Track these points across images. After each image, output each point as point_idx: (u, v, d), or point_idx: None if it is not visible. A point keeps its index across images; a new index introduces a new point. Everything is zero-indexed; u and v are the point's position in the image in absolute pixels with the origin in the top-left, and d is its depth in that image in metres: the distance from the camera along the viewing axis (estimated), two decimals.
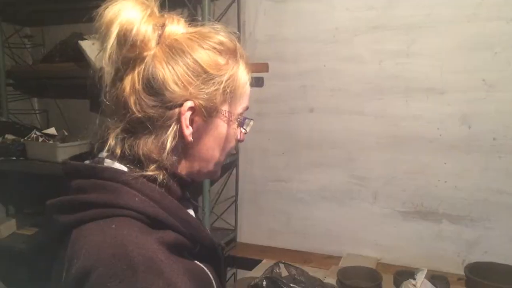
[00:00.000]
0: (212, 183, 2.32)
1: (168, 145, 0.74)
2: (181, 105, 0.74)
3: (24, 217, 2.58)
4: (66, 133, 2.46)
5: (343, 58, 2.13)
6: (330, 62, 2.16)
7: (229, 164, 2.39)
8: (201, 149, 0.80)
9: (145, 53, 0.74)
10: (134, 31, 0.71)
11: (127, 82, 0.74)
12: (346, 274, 1.91)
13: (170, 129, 0.75)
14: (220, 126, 0.80)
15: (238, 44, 0.82)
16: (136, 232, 0.67)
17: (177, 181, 0.78)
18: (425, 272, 1.68)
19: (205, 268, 0.80)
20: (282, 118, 2.29)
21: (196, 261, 0.78)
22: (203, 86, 0.75)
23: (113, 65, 0.73)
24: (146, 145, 0.75)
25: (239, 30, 2.31)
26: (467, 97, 1.93)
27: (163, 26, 0.76)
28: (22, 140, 2.40)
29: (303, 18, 2.19)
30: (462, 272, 1.86)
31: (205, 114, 0.77)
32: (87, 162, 0.78)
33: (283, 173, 2.33)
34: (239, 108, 0.82)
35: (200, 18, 2.08)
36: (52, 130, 2.44)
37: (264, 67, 2.19)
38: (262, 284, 1.49)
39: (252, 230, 2.45)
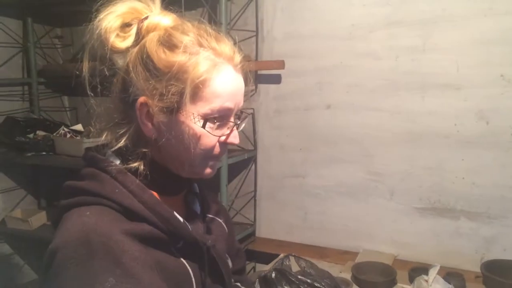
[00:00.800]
0: (230, 179, 2.37)
1: (123, 139, 0.79)
2: (135, 101, 0.78)
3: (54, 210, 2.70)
4: (92, 129, 2.55)
5: (359, 54, 2.13)
6: (347, 58, 2.16)
7: (248, 160, 2.44)
8: (168, 147, 0.80)
9: (123, 53, 0.79)
10: (100, 29, 0.77)
11: (117, 79, 0.81)
12: (361, 269, 1.92)
13: (130, 123, 0.80)
14: (179, 126, 0.77)
15: (226, 49, 0.79)
16: (106, 221, 0.72)
17: (164, 174, 0.82)
18: (437, 268, 1.67)
19: (187, 265, 0.82)
20: (299, 114, 2.31)
21: (180, 257, 0.81)
22: (155, 84, 0.76)
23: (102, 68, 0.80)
24: (121, 138, 0.80)
25: (257, 28, 2.35)
26: (484, 93, 1.90)
27: (140, 23, 0.79)
28: (51, 136, 2.52)
29: (320, 15, 2.20)
30: (480, 270, 1.84)
31: (160, 111, 0.77)
32: (91, 152, 0.84)
33: (300, 169, 2.35)
34: (204, 108, 0.77)
35: (217, 18, 2.13)
36: (79, 127, 2.55)
37: (280, 64, 2.21)
38: (271, 275, 1.52)
39: (270, 225, 2.49)
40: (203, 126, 0.78)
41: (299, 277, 1.51)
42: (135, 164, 0.79)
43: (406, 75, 2.04)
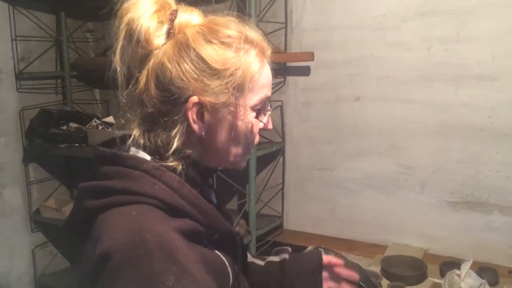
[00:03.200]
0: (258, 171, 2.37)
1: (176, 140, 0.77)
2: (187, 101, 0.76)
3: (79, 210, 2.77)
4: (122, 121, 2.60)
5: (390, 45, 2.10)
6: (377, 49, 2.13)
7: (276, 152, 2.44)
8: (215, 142, 0.80)
9: (154, 50, 0.77)
10: (137, 29, 0.74)
11: (141, 78, 0.78)
12: (390, 262, 1.90)
13: (179, 124, 0.77)
14: (231, 120, 0.79)
15: (253, 35, 0.80)
16: (154, 219, 0.70)
17: (198, 170, 0.81)
18: (470, 262, 1.64)
19: (222, 257, 0.82)
20: (328, 106, 2.30)
21: (214, 250, 0.81)
22: (208, 82, 0.75)
23: (124, 63, 0.77)
24: (160, 138, 0.77)
25: (286, 19, 2.34)
26: None
27: (172, 20, 0.78)
28: (84, 128, 2.58)
29: (350, 6, 2.18)
30: None
31: (214, 109, 0.77)
32: (115, 148, 0.81)
33: (329, 161, 2.34)
34: (253, 100, 0.80)
35: (246, 9, 2.13)
36: (110, 119, 2.60)
37: (310, 56, 2.20)
38: None
39: (298, 218, 2.49)
40: (257, 117, 0.81)
41: None
42: (173, 164, 0.77)
43: (439, 66, 2.00)
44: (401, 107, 2.11)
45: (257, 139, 0.85)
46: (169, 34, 0.78)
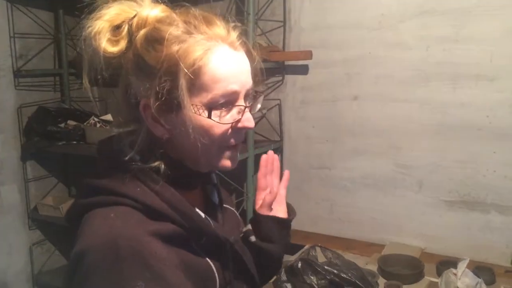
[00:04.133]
0: (256, 169, 2.37)
1: (140, 141, 0.76)
2: (138, 104, 0.75)
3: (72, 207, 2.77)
4: (121, 119, 2.60)
5: (388, 45, 2.10)
6: (375, 49, 2.14)
7: (274, 151, 2.42)
8: (182, 144, 0.77)
9: (119, 57, 0.76)
10: (98, 45, 0.73)
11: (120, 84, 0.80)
12: (388, 261, 1.91)
13: (143, 127, 0.77)
14: (188, 120, 0.73)
15: (217, 30, 0.75)
16: (132, 223, 0.70)
17: (184, 171, 0.80)
18: (467, 262, 1.64)
19: (210, 262, 0.80)
20: (326, 105, 2.30)
21: (203, 254, 0.79)
22: (152, 84, 0.72)
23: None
24: (135, 137, 0.77)
25: (284, 18, 2.34)
26: None
27: (130, 23, 0.76)
28: (82, 125, 2.58)
29: (348, 5, 2.18)
30: (510, 265, 1.80)
31: (162, 110, 0.74)
32: (111, 147, 0.80)
33: (327, 161, 2.34)
34: (207, 97, 0.73)
35: (245, 8, 2.12)
36: (108, 117, 2.60)
37: (308, 55, 2.20)
38: (298, 265, 1.53)
39: (296, 216, 2.48)
40: (209, 116, 0.73)
41: (326, 267, 1.52)
42: (156, 164, 0.77)
43: (437, 66, 2.00)
44: (399, 106, 2.11)
45: (230, 139, 0.78)
46: (129, 37, 0.76)
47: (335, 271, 1.51)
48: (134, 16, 0.75)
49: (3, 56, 2.55)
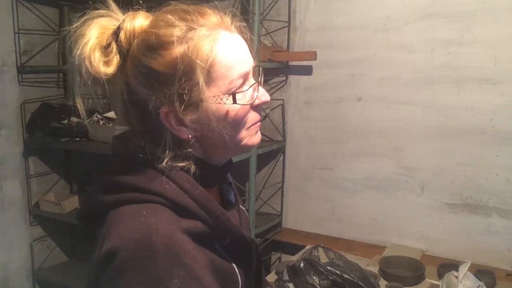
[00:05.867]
0: (258, 169, 2.38)
1: (167, 149, 0.74)
2: (158, 113, 0.73)
3: (86, 195, 2.77)
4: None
5: (393, 47, 2.11)
6: (380, 50, 2.14)
7: (276, 150, 2.44)
8: (213, 137, 0.77)
9: (115, 74, 0.74)
10: (87, 65, 0.72)
11: (119, 102, 0.78)
12: (389, 263, 1.91)
13: (165, 134, 0.75)
14: (213, 111, 0.74)
15: (213, 18, 0.75)
16: (164, 220, 0.69)
17: (210, 169, 0.79)
18: (468, 264, 1.65)
19: (233, 264, 0.79)
20: (330, 106, 2.30)
21: (224, 256, 0.78)
22: (166, 89, 0.72)
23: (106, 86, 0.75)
24: (163, 142, 0.75)
25: (289, 18, 2.35)
26: None
27: (116, 38, 0.74)
28: (85, 122, 2.58)
29: (354, 6, 2.18)
30: (511, 268, 1.81)
31: (187, 111, 0.73)
32: (132, 143, 0.78)
33: (329, 161, 2.34)
34: (224, 84, 0.74)
35: (250, 7, 2.13)
36: (111, 114, 2.60)
37: (312, 55, 2.20)
38: (300, 265, 1.53)
39: (297, 216, 2.49)
40: (234, 102, 0.75)
41: (328, 268, 1.52)
42: (183, 164, 0.75)
43: (442, 69, 2.00)
44: (403, 108, 2.11)
45: (254, 116, 0.80)
46: (121, 53, 0.74)
47: (337, 272, 1.51)
48: (119, 31, 0.74)
49: (7, 51, 2.55)
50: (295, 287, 1.55)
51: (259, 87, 0.80)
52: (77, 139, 2.56)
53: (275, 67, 2.32)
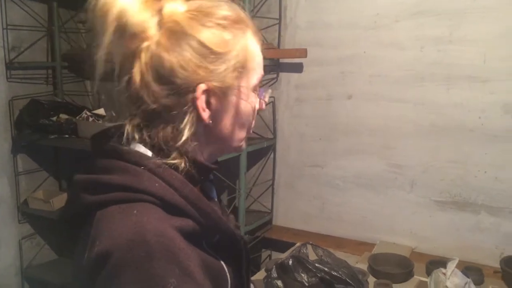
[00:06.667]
0: (249, 166, 2.37)
1: (187, 132, 0.73)
2: (194, 90, 0.72)
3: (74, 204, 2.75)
4: (114, 114, 2.59)
5: (383, 44, 2.11)
6: (370, 48, 2.14)
7: (267, 148, 2.44)
8: (222, 129, 0.78)
9: (147, 42, 0.71)
10: (130, 22, 0.69)
11: (136, 75, 0.72)
12: (378, 260, 1.92)
13: (188, 115, 0.73)
14: (237, 102, 0.77)
15: (243, 14, 0.78)
16: (156, 219, 0.67)
17: (198, 167, 0.76)
18: (456, 261, 1.65)
19: (222, 262, 0.78)
20: (320, 104, 2.30)
21: (213, 254, 0.77)
22: (212, 67, 0.72)
23: (116, 59, 0.72)
24: (165, 134, 0.73)
25: (280, 15, 2.34)
26: (511, 86, 1.86)
27: (160, 9, 0.72)
28: (74, 119, 2.56)
29: (344, 4, 2.18)
30: (499, 265, 1.82)
31: (220, 94, 0.74)
32: (114, 141, 0.76)
33: (319, 159, 2.35)
34: (253, 79, 0.78)
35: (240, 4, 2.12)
36: (101, 111, 2.58)
37: (303, 53, 2.20)
38: (289, 262, 1.53)
39: (287, 214, 2.49)
40: (259, 97, 0.81)
41: (316, 265, 1.52)
42: (176, 161, 0.73)
43: (431, 66, 2.01)
44: (393, 106, 2.12)
45: (253, 120, 0.84)
46: (160, 25, 0.72)
47: (326, 269, 1.52)
48: (162, 2, 0.73)
49: None
50: (284, 284, 1.55)
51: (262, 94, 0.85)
52: (66, 136, 2.54)
53: (265, 64, 2.29)
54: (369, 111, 2.18)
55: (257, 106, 0.82)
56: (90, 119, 2.52)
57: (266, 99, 0.84)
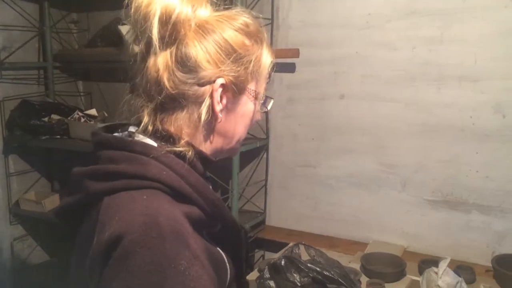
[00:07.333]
0: (241, 167, 2.37)
1: (203, 118, 0.78)
2: (213, 81, 0.77)
3: (65, 191, 2.73)
4: (106, 114, 2.58)
5: (375, 44, 2.11)
6: (362, 48, 2.15)
7: (260, 148, 2.44)
8: (227, 126, 0.83)
9: (181, 33, 0.76)
10: (177, 11, 0.74)
11: (161, 60, 0.76)
12: (370, 260, 1.92)
13: (203, 104, 0.77)
14: (246, 104, 0.84)
15: (261, 27, 0.85)
16: (166, 203, 0.70)
17: (201, 159, 0.80)
18: (448, 261, 1.66)
19: (222, 252, 0.80)
20: (312, 103, 2.30)
21: (214, 244, 0.79)
22: (233, 65, 0.78)
23: (145, 43, 0.76)
24: (178, 121, 0.78)
25: (272, 15, 2.34)
26: (502, 85, 1.88)
27: (195, 8, 0.79)
28: (66, 120, 2.55)
29: (336, 4, 2.18)
30: (490, 264, 1.83)
31: (234, 91, 0.80)
32: (116, 134, 0.80)
33: (312, 159, 2.35)
34: (262, 88, 0.86)
35: (232, 4, 2.11)
36: (93, 111, 2.57)
37: (295, 53, 2.20)
38: (281, 263, 1.53)
39: (280, 214, 2.49)
40: (264, 104, 0.88)
41: (309, 265, 1.52)
42: (184, 149, 0.76)
43: (423, 66, 2.02)
44: (385, 106, 2.13)
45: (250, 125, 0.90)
46: (193, 21, 0.79)
47: (318, 269, 1.52)
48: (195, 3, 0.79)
49: None
50: (276, 285, 1.55)
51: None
52: (58, 136, 2.53)
53: None
54: (361, 111, 2.18)
55: (260, 112, 0.89)
56: (82, 119, 2.52)
57: (269, 108, 0.91)
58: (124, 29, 2.29)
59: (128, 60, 0.80)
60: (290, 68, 2.33)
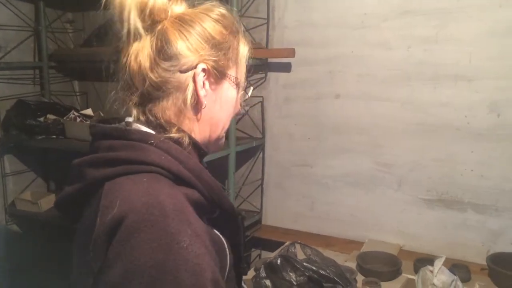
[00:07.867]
0: (238, 166, 2.37)
1: (188, 103, 0.79)
2: (195, 67, 0.79)
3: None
4: (102, 114, 2.58)
5: (371, 44, 2.12)
6: (358, 47, 2.15)
7: (256, 148, 2.44)
8: (212, 112, 0.84)
9: (159, 21, 0.78)
10: (153, 3, 0.77)
11: (142, 50, 0.78)
12: (366, 258, 1.93)
13: (187, 90, 0.79)
14: (229, 89, 0.85)
15: (237, 18, 0.88)
16: (166, 186, 0.72)
17: (195, 147, 0.82)
18: (443, 259, 1.67)
19: (222, 237, 0.82)
20: (308, 103, 2.31)
21: (212, 227, 0.80)
22: (212, 50, 0.80)
23: (126, 33, 0.78)
24: (165, 109, 0.79)
25: (268, 15, 2.34)
26: (496, 85, 1.89)
27: (173, 2, 0.82)
28: (61, 120, 2.54)
29: (332, 4, 2.19)
30: (485, 262, 1.84)
31: (216, 76, 0.82)
32: (114, 125, 0.80)
33: (308, 158, 2.35)
34: (242, 75, 0.88)
35: (228, 4, 2.12)
36: (89, 111, 2.57)
37: (291, 53, 2.21)
38: (277, 262, 1.53)
39: (277, 213, 2.50)
40: (245, 90, 0.90)
41: (305, 264, 1.53)
42: (179, 135, 0.78)
43: (418, 66, 2.03)
44: (381, 105, 2.13)
45: (235, 110, 0.91)
46: (173, 12, 0.81)
47: (314, 268, 1.52)
48: None
49: None
50: (272, 284, 1.55)
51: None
52: (54, 136, 2.52)
53: (254, 64, 2.30)
54: (357, 110, 2.19)
55: (242, 102, 0.90)
56: (78, 119, 2.51)
57: (249, 94, 0.93)
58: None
59: (111, 57, 0.82)
60: (286, 67, 2.33)
